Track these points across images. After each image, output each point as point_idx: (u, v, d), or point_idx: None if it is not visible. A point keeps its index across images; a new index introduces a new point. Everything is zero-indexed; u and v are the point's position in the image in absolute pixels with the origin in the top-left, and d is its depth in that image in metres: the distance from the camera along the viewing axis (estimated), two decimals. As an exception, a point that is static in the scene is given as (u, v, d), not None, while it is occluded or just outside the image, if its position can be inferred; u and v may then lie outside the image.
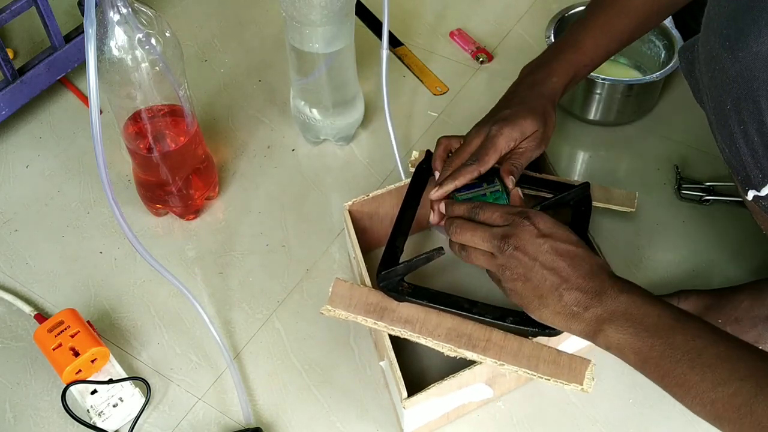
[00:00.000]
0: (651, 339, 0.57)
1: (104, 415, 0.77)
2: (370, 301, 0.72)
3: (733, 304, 0.79)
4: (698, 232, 0.92)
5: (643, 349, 0.57)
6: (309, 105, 0.97)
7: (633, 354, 0.58)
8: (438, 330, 0.70)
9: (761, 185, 0.59)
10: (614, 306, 0.59)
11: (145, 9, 0.76)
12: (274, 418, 0.78)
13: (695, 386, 0.55)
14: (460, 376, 0.69)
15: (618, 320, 0.58)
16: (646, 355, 0.57)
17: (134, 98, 0.80)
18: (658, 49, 1.04)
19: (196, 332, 0.85)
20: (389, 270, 0.72)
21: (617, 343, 0.58)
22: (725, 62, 0.57)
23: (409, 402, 0.68)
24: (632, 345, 0.58)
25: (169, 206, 0.93)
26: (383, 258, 0.75)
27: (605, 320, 0.59)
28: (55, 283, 0.90)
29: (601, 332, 0.59)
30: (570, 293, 0.60)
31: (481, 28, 1.18)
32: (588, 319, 0.60)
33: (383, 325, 0.70)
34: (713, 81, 0.60)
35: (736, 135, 0.59)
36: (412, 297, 0.72)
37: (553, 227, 0.64)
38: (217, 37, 1.18)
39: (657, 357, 0.57)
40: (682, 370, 0.55)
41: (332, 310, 0.71)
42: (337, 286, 0.72)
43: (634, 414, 0.77)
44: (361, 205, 0.83)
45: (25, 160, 1.02)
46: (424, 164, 0.83)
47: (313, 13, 0.84)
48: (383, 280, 0.72)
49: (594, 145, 1.01)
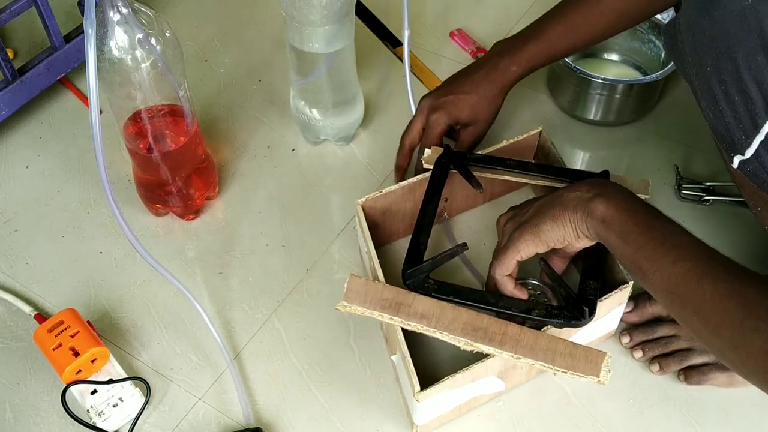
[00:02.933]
0: (635, 216, 0.65)
1: (104, 415, 0.77)
2: (385, 296, 0.72)
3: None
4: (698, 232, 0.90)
5: (628, 223, 0.64)
6: (309, 105, 0.97)
7: (618, 226, 0.65)
8: (454, 324, 0.70)
9: (745, 146, 0.59)
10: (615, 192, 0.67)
11: (145, 9, 0.76)
12: (274, 418, 0.78)
13: (660, 260, 0.61)
14: (474, 368, 0.69)
15: (610, 197, 0.66)
16: (629, 228, 0.64)
17: (134, 98, 0.80)
18: (658, 49, 1.04)
19: (196, 332, 0.85)
20: (415, 268, 0.73)
21: (609, 217, 0.65)
22: (703, 24, 0.59)
23: (422, 395, 0.68)
24: (618, 218, 0.65)
25: (169, 206, 0.93)
26: (408, 255, 0.75)
27: (600, 196, 0.67)
28: (55, 283, 0.90)
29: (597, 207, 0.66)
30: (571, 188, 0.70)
31: (481, 28, 1.18)
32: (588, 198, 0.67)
33: (399, 320, 0.71)
34: (693, 46, 0.61)
35: (719, 97, 0.60)
36: (438, 293, 0.72)
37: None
38: (217, 37, 1.18)
39: (637, 232, 0.64)
40: (654, 245, 0.62)
41: (348, 305, 0.71)
42: (352, 282, 0.72)
43: (634, 414, 0.77)
44: (374, 201, 0.83)
45: (25, 160, 1.02)
46: (443, 158, 0.84)
47: (313, 13, 0.84)
48: (410, 278, 0.73)
49: (594, 145, 1.01)
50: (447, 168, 0.83)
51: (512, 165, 0.84)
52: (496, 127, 0.94)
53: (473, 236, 0.91)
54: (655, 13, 0.87)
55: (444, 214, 0.92)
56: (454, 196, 0.90)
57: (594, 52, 1.09)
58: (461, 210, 0.94)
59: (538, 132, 0.89)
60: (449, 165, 0.83)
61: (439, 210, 0.90)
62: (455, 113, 0.88)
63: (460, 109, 0.88)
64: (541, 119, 1.04)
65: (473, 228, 0.93)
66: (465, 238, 0.90)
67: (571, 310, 0.71)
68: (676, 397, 0.78)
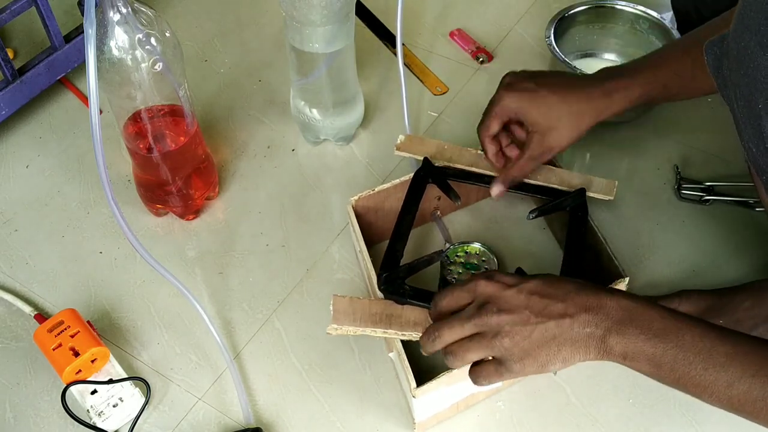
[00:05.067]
0: (662, 343, 0.58)
1: (104, 415, 0.77)
2: (374, 311, 0.71)
3: (734, 304, 0.79)
4: (698, 232, 0.92)
5: (656, 354, 0.58)
6: (309, 105, 0.97)
7: (646, 361, 0.58)
8: None
9: None
10: (619, 314, 0.59)
11: (145, 9, 0.76)
12: (274, 418, 0.78)
13: (710, 386, 0.56)
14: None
15: (626, 329, 0.58)
16: (659, 360, 0.58)
17: (134, 98, 0.80)
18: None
19: (196, 332, 0.85)
20: (389, 273, 0.72)
21: (631, 352, 0.58)
22: (760, 60, 0.55)
23: (419, 391, 0.68)
24: (645, 351, 0.58)
25: (169, 206, 0.93)
26: (384, 261, 0.75)
27: (614, 331, 0.59)
28: (55, 283, 0.90)
29: (614, 346, 0.59)
30: (576, 318, 0.59)
31: (481, 28, 1.18)
32: (600, 335, 0.59)
33: (393, 332, 0.70)
34: (745, 79, 0.58)
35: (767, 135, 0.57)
36: (413, 299, 0.72)
37: (509, 275, 0.63)
38: (217, 37, 1.18)
39: (670, 361, 0.57)
40: (696, 372, 0.57)
41: (339, 328, 0.70)
42: (337, 303, 0.71)
43: (634, 414, 0.77)
44: (366, 200, 0.83)
45: (25, 160, 1.02)
46: (422, 172, 0.84)
47: (313, 13, 0.84)
48: (384, 283, 0.72)
49: (594, 145, 1.01)
50: (425, 181, 0.83)
51: (489, 180, 0.84)
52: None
53: (469, 234, 0.91)
54: None
55: (437, 212, 0.92)
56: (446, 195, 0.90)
57: (594, 52, 1.09)
58: (455, 209, 0.94)
59: None
60: (427, 178, 0.83)
61: (432, 208, 0.90)
62: (525, 107, 0.78)
63: (534, 104, 0.77)
64: (541, 119, 1.04)
65: (469, 225, 0.93)
66: (459, 236, 0.90)
67: None
68: (676, 397, 0.78)
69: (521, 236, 0.92)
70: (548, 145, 0.80)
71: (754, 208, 0.92)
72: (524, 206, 0.93)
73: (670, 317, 0.59)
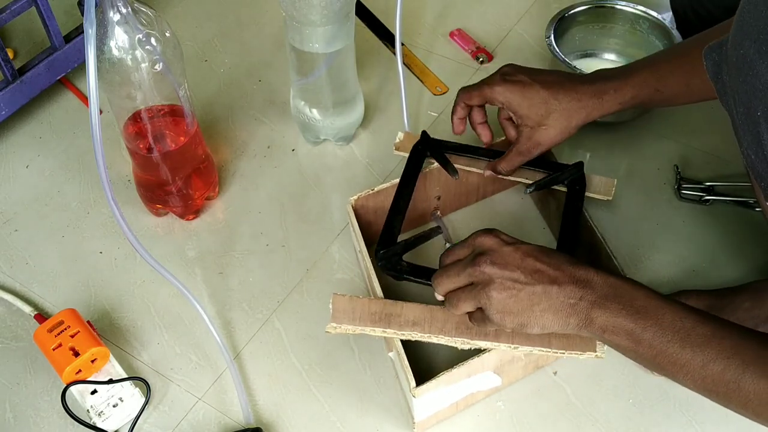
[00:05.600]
0: (642, 320, 0.59)
1: (104, 415, 0.77)
2: (373, 310, 0.71)
3: (734, 304, 0.79)
4: (698, 232, 0.92)
5: (636, 330, 0.59)
6: (309, 105, 0.97)
7: (626, 335, 0.60)
8: (447, 326, 0.70)
9: None
10: (605, 290, 0.61)
11: (145, 9, 0.76)
12: (274, 418, 0.78)
13: (686, 365, 0.58)
14: (469, 364, 0.69)
15: (610, 304, 0.60)
16: (639, 335, 0.59)
17: (134, 98, 0.80)
18: (658, 49, 1.04)
19: (196, 332, 0.85)
20: (387, 249, 0.72)
21: (611, 326, 0.60)
22: (759, 68, 0.55)
23: (418, 390, 0.68)
24: (625, 327, 0.60)
25: (169, 206, 0.93)
26: (381, 237, 0.75)
27: (598, 305, 0.60)
28: (55, 283, 0.90)
29: (596, 318, 0.60)
30: (564, 287, 0.61)
31: (481, 28, 1.18)
32: (583, 307, 0.61)
33: (392, 332, 0.70)
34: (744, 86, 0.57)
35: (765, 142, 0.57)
36: (410, 275, 0.72)
37: (512, 237, 0.65)
38: (217, 37, 1.18)
39: (649, 337, 0.59)
40: (674, 350, 0.58)
41: (338, 326, 0.70)
42: (336, 301, 0.71)
43: (634, 414, 0.77)
44: (366, 200, 0.83)
45: (25, 160, 1.02)
46: (419, 145, 0.84)
47: (313, 13, 0.84)
48: (382, 260, 0.72)
49: (594, 145, 1.01)
50: (423, 155, 0.84)
51: (487, 154, 0.85)
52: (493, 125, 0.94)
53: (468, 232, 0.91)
54: None
55: (437, 212, 0.92)
56: (446, 194, 0.90)
57: (594, 52, 1.09)
58: (454, 208, 0.94)
59: None
60: (425, 152, 0.84)
61: (432, 208, 0.91)
62: (517, 99, 0.78)
63: (525, 98, 0.77)
64: (541, 119, 1.04)
65: (469, 225, 0.93)
66: (459, 235, 0.90)
67: None
68: (676, 397, 0.78)
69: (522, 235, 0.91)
70: (536, 141, 0.80)
71: (754, 208, 0.92)
72: (523, 206, 0.93)
73: (653, 297, 0.61)
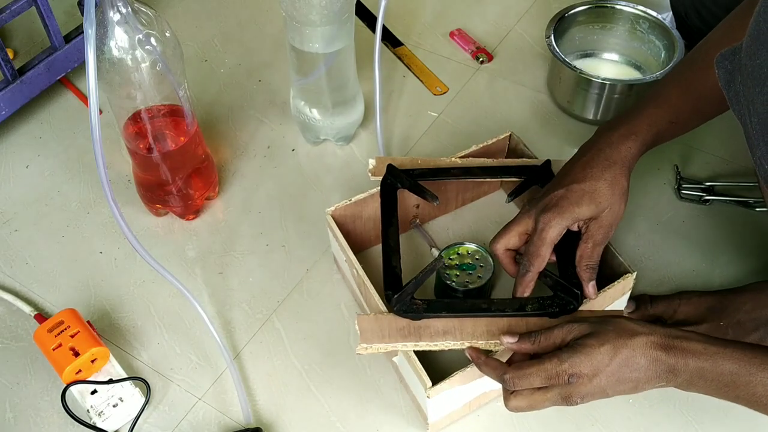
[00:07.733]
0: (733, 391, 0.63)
1: (104, 415, 0.77)
2: (400, 325, 0.71)
3: (735, 306, 0.79)
4: (698, 232, 0.92)
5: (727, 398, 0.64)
6: (309, 105, 0.97)
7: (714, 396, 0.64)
8: (477, 331, 0.71)
9: None
10: (687, 376, 0.63)
11: (145, 9, 0.76)
12: (274, 418, 0.78)
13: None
14: None
15: (696, 383, 0.63)
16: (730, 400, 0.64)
17: (134, 98, 0.80)
18: (658, 49, 1.04)
19: (196, 332, 0.85)
20: (399, 293, 0.72)
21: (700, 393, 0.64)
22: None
23: (434, 390, 0.68)
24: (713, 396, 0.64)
25: (169, 206, 0.93)
26: (386, 282, 0.73)
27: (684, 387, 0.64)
28: (55, 283, 0.90)
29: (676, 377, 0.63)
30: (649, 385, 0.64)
31: (481, 28, 1.18)
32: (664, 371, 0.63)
33: (425, 344, 0.70)
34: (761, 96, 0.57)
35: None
36: (428, 312, 0.71)
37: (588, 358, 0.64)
38: (217, 37, 1.18)
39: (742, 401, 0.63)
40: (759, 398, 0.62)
41: (369, 347, 0.69)
42: (362, 321, 0.71)
43: (634, 414, 0.77)
44: (344, 209, 0.83)
45: (25, 160, 1.02)
46: (388, 179, 0.83)
47: (313, 13, 0.84)
48: (397, 304, 0.71)
49: (594, 145, 1.01)
50: (395, 188, 0.82)
51: (457, 173, 0.84)
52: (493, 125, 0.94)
53: (452, 238, 0.91)
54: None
55: (416, 221, 0.91)
56: (425, 204, 0.88)
57: (594, 52, 1.09)
58: (434, 216, 0.93)
59: (507, 136, 0.89)
60: (396, 184, 0.83)
61: (411, 217, 0.90)
62: (570, 209, 0.73)
63: (575, 202, 0.73)
64: (540, 119, 1.04)
65: (448, 229, 0.93)
66: (442, 241, 0.90)
67: (562, 296, 0.72)
68: (676, 397, 0.78)
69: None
70: (608, 224, 0.75)
71: (754, 208, 0.92)
72: (505, 208, 0.93)
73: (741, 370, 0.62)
